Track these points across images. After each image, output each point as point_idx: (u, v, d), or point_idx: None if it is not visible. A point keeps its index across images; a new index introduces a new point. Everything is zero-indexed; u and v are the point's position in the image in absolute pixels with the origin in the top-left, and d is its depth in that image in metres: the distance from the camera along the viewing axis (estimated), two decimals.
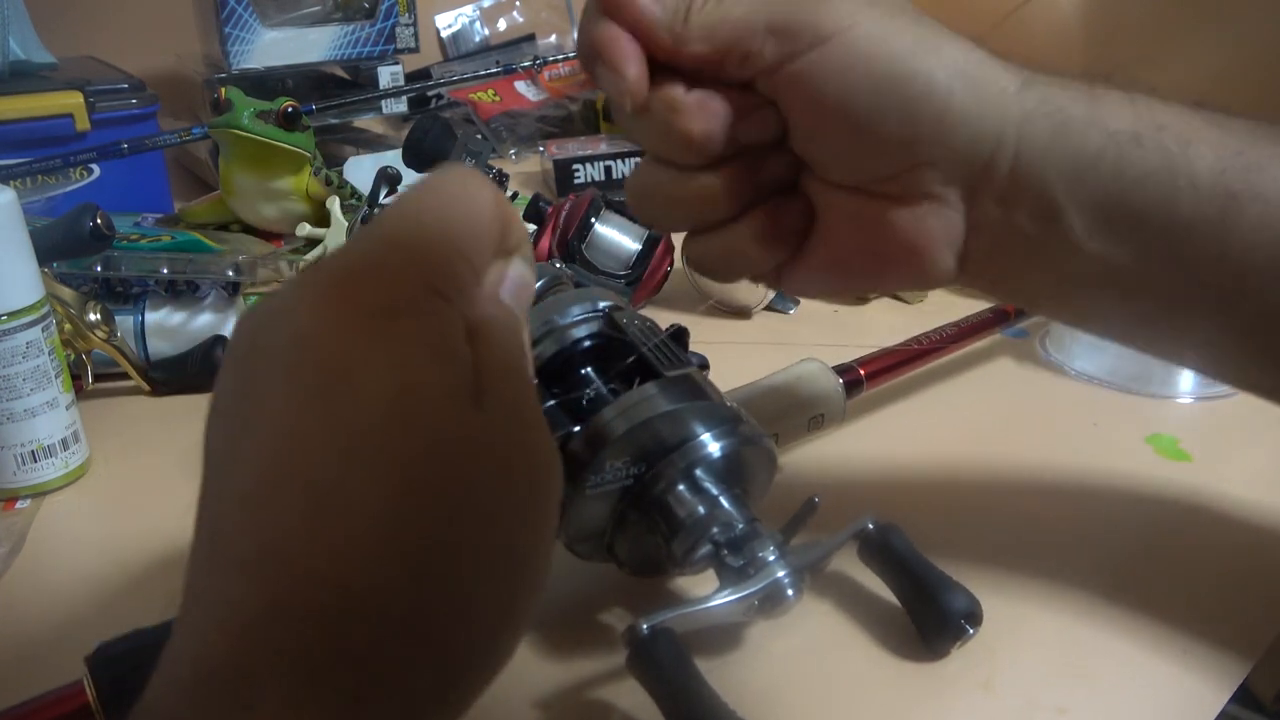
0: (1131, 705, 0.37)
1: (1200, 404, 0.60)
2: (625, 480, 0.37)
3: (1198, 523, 0.48)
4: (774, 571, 0.35)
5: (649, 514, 0.37)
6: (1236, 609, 0.42)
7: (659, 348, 0.39)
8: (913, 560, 0.40)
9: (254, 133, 0.76)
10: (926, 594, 0.39)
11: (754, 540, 0.36)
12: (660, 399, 0.37)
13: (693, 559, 0.37)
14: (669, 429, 0.37)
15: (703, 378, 0.40)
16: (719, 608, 0.35)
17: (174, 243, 0.68)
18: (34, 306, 0.48)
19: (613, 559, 0.39)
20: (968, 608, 0.38)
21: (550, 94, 1.27)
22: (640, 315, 0.41)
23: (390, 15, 1.03)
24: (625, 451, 0.36)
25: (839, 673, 0.38)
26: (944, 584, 0.38)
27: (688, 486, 0.37)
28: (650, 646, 0.34)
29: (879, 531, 0.40)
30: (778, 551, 0.36)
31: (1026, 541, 0.47)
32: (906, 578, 0.39)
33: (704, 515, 0.36)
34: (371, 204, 0.64)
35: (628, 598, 0.42)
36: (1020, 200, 0.34)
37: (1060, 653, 0.39)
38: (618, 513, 0.37)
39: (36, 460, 0.50)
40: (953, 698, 0.37)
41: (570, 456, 0.36)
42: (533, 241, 0.70)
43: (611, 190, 0.99)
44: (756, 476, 0.40)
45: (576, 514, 0.37)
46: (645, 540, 0.38)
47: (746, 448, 0.38)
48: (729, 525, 0.37)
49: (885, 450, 0.55)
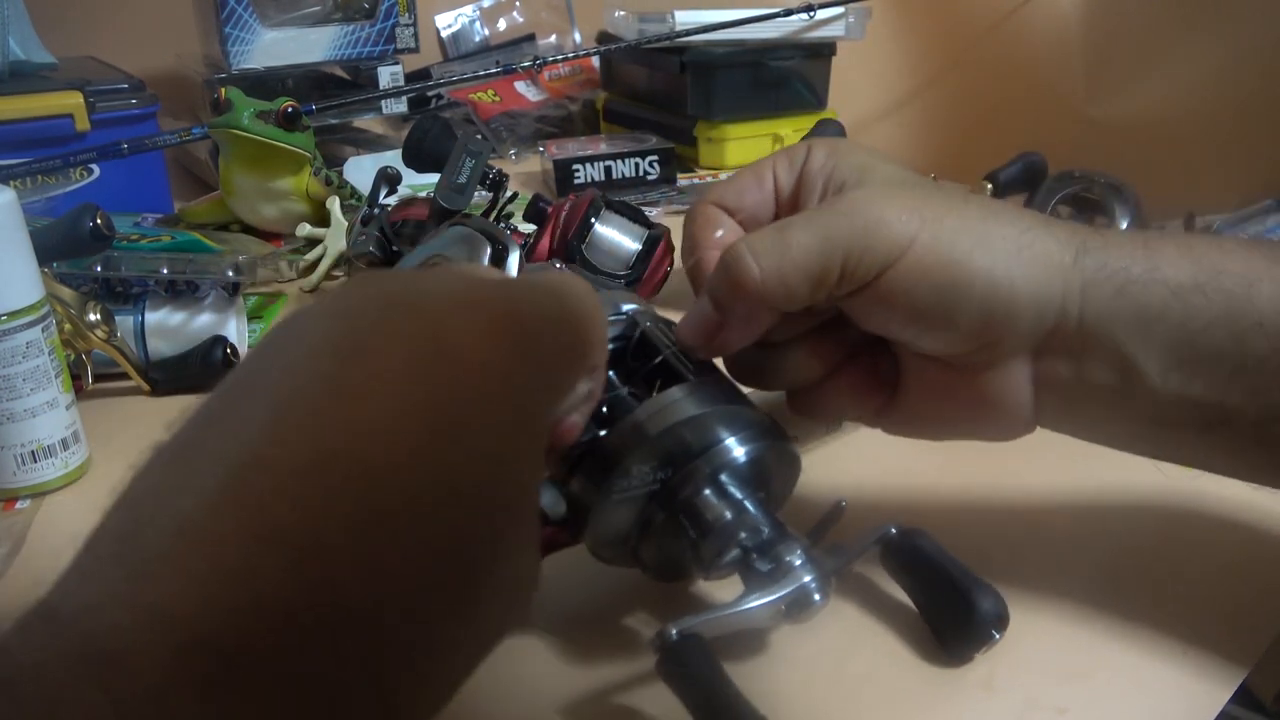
0: (1131, 705, 0.37)
1: None
2: (652, 485, 0.36)
3: (1198, 523, 0.48)
4: (801, 576, 0.35)
5: (676, 519, 0.37)
6: (1236, 609, 0.42)
7: (683, 351, 0.39)
8: (945, 562, 0.39)
9: (254, 133, 0.76)
10: (957, 599, 0.38)
11: (781, 544, 0.36)
12: (687, 403, 0.37)
13: (720, 564, 0.37)
14: (696, 433, 0.36)
15: (728, 380, 0.40)
16: (747, 612, 0.35)
17: (174, 243, 0.68)
18: (34, 306, 0.48)
19: (638, 564, 0.39)
20: (997, 612, 0.37)
21: (550, 94, 1.27)
22: (662, 318, 0.41)
23: (390, 15, 1.03)
24: (653, 456, 0.36)
25: (861, 676, 0.38)
26: (977, 587, 0.38)
27: (714, 491, 0.36)
28: (680, 652, 0.33)
29: (903, 536, 0.40)
30: (804, 556, 0.36)
31: (1026, 542, 0.47)
32: (936, 582, 0.39)
33: (731, 520, 0.36)
34: (371, 204, 0.64)
35: (652, 602, 0.41)
36: (1090, 354, 0.36)
37: (1060, 653, 0.39)
38: (644, 517, 0.37)
39: (36, 460, 0.50)
40: (953, 697, 0.37)
41: (597, 461, 0.36)
42: (533, 241, 0.70)
43: (611, 190, 0.99)
44: (780, 480, 0.39)
45: (602, 519, 0.36)
46: (671, 545, 0.37)
47: (771, 451, 0.38)
48: (756, 530, 0.36)
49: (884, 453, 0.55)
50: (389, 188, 0.66)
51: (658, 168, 1.02)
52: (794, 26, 1.09)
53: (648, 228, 0.73)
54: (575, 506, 0.37)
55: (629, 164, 1.02)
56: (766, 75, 1.11)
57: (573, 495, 0.37)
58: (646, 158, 1.02)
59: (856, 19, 1.11)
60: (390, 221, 0.63)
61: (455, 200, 0.61)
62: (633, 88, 1.22)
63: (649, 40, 1.06)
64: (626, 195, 0.97)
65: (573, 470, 0.37)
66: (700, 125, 1.12)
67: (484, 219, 0.59)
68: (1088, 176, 0.73)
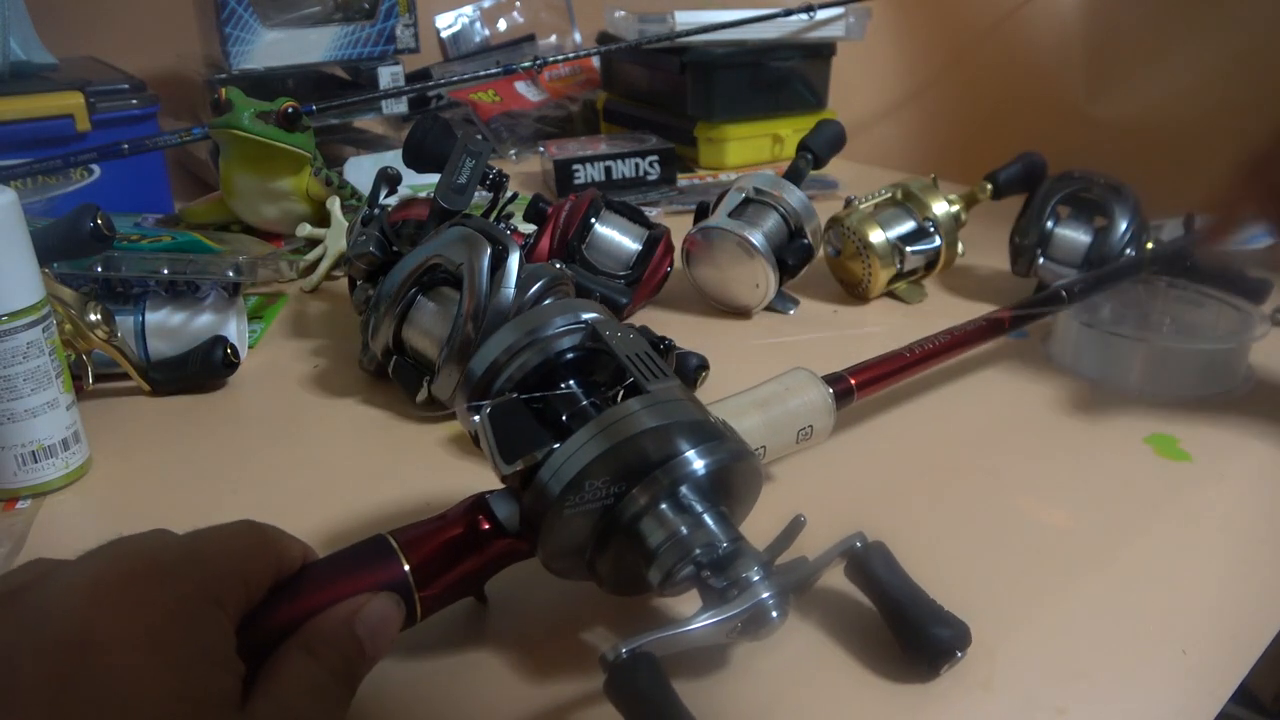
0: (1131, 705, 0.37)
1: (1201, 404, 0.60)
2: (605, 499, 0.36)
3: (1198, 523, 0.48)
4: (758, 593, 0.34)
5: (629, 534, 0.36)
6: (1236, 609, 0.42)
7: (642, 359, 0.38)
8: (898, 585, 0.39)
9: (254, 133, 0.76)
10: (911, 622, 0.38)
11: (738, 560, 0.35)
12: (643, 415, 0.35)
13: (674, 580, 0.35)
14: (651, 446, 0.35)
15: (686, 391, 0.38)
16: (700, 630, 0.34)
17: (174, 243, 0.68)
18: (34, 307, 0.48)
19: (594, 578, 0.38)
20: (951, 638, 0.37)
21: (550, 94, 1.28)
22: (627, 326, 0.40)
23: (390, 15, 1.03)
24: (605, 470, 0.35)
25: (827, 693, 0.38)
26: (929, 614, 0.38)
27: (670, 505, 0.36)
28: (629, 671, 0.33)
29: (865, 552, 0.39)
30: (762, 571, 0.35)
31: (1026, 542, 0.47)
32: (891, 603, 0.39)
33: (686, 535, 0.35)
34: (372, 204, 0.64)
35: (611, 615, 0.41)
36: None
37: (1060, 653, 0.39)
38: (598, 531, 0.36)
39: (37, 460, 0.50)
40: (953, 697, 0.37)
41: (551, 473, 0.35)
42: (533, 242, 0.70)
43: (612, 190, 0.99)
44: (742, 493, 0.39)
45: (554, 532, 0.36)
46: (626, 560, 0.37)
47: (731, 464, 0.37)
48: (712, 545, 0.35)
49: (880, 454, 0.55)
50: (389, 188, 0.66)
51: (658, 168, 1.02)
52: (793, 27, 1.09)
53: (648, 228, 0.73)
54: (529, 519, 0.36)
55: (629, 164, 1.02)
56: (766, 75, 1.11)
57: (526, 508, 0.36)
58: (646, 158, 1.02)
59: (856, 19, 1.11)
60: (390, 222, 0.63)
61: (455, 201, 0.61)
62: (633, 88, 1.22)
63: (649, 40, 1.06)
64: (626, 195, 0.98)
65: (525, 483, 0.36)
66: (700, 125, 1.12)
67: (484, 219, 0.59)
68: (1088, 176, 0.73)
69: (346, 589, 0.34)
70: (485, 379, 0.39)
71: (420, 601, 0.35)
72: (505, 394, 0.39)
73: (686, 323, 0.72)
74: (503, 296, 0.53)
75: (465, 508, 0.38)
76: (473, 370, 0.40)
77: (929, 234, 0.74)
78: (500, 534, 0.37)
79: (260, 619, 0.32)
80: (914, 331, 0.58)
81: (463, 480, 0.37)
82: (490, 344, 0.40)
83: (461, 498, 0.38)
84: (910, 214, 0.75)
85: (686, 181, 1.07)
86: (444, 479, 0.51)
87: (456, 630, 0.40)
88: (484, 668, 0.39)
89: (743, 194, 0.72)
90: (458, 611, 0.39)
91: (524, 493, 0.36)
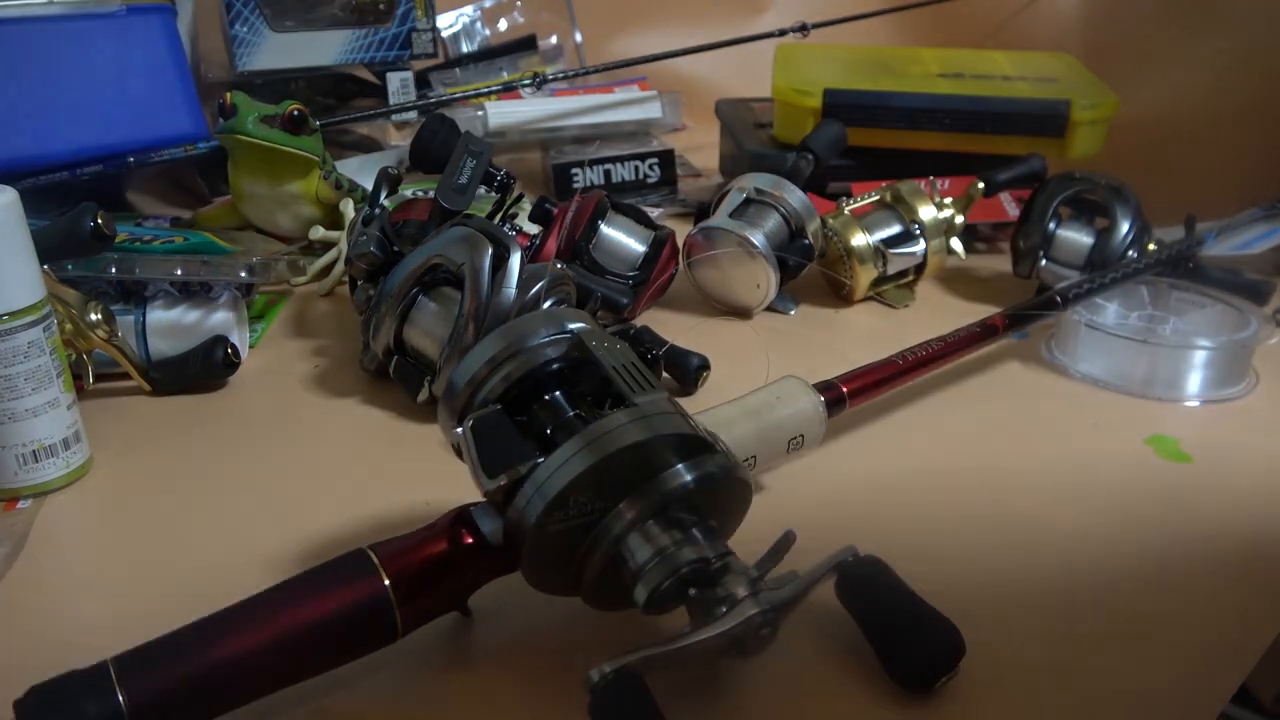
0: (1131, 705, 0.37)
1: (1201, 406, 0.60)
2: (590, 515, 0.35)
3: (1198, 523, 0.48)
4: (747, 610, 0.33)
5: (615, 550, 0.35)
6: (1236, 609, 0.42)
7: (629, 371, 0.37)
8: (884, 603, 0.37)
9: (258, 137, 0.74)
10: (893, 644, 0.37)
11: (726, 577, 0.34)
12: (629, 429, 0.34)
13: (660, 597, 0.34)
14: (637, 461, 0.34)
15: (674, 403, 0.37)
16: (687, 649, 0.33)
17: (187, 244, 0.67)
18: (35, 306, 0.48)
19: (580, 593, 0.37)
20: (943, 652, 0.36)
21: None
22: (614, 336, 0.39)
23: (407, 20, 1.01)
24: (590, 485, 0.34)
25: (819, 713, 0.37)
26: (913, 635, 0.37)
27: (657, 521, 0.35)
28: (613, 692, 0.32)
29: (855, 567, 0.38)
30: (751, 588, 0.34)
31: (1026, 543, 0.47)
32: (874, 626, 0.38)
33: (673, 551, 0.34)
34: (372, 204, 0.64)
35: (597, 629, 0.40)
36: None
37: (1059, 653, 0.39)
38: (583, 548, 0.35)
39: (38, 460, 0.50)
40: (950, 706, 0.37)
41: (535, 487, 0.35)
42: (539, 243, 0.70)
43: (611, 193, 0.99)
44: (731, 506, 0.38)
45: (538, 548, 0.35)
46: (612, 576, 0.35)
47: (720, 478, 0.36)
48: (700, 561, 0.34)
49: (877, 457, 0.55)
50: (389, 188, 0.66)
51: (658, 170, 1.02)
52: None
53: (653, 229, 0.73)
54: (512, 534, 0.35)
55: (629, 167, 1.01)
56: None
57: (510, 523, 0.35)
58: (646, 160, 1.02)
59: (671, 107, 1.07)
60: (391, 222, 0.63)
61: (456, 201, 0.61)
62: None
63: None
64: (627, 199, 0.97)
65: (509, 496, 0.35)
66: None
67: (485, 220, 0.59)
68: (1088, 177, 0.73)
69: (326, 605, 0.34)
70: (467, 391, 0.39)
71: (400, 617, 0.35)
72: (489, 406, 0.38)
73: (689, 323, 0.72)
74: (504, 297, 0.53)
75: (448, 521, 0.37)
76: (454, 382, 0.39)
77: (914, 237, 0.74)
78: (483, 549, 0.37)
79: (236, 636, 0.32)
80: (913, 332, 0.58)
81: (463, 481, 0.37)
82: (473, 355, 0.39)
83: (461, 499, 0.38)
84: (897, 217, 0.75)
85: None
86: (444, 479, 0.51)
87: (439, 645, 0.40)
88: (467, 684, 0.38)
89: (744, 194, 0.73)
90: (441, 626, 0.38)
91: (508, 507, 0.35)
